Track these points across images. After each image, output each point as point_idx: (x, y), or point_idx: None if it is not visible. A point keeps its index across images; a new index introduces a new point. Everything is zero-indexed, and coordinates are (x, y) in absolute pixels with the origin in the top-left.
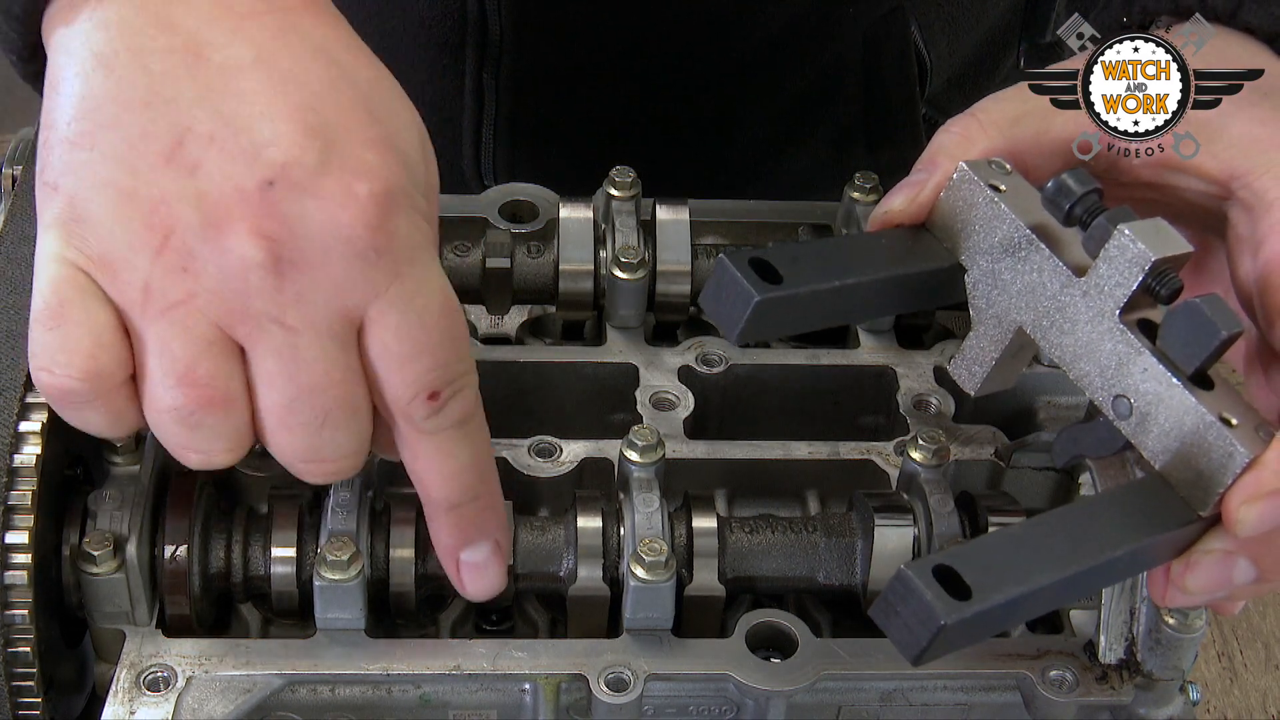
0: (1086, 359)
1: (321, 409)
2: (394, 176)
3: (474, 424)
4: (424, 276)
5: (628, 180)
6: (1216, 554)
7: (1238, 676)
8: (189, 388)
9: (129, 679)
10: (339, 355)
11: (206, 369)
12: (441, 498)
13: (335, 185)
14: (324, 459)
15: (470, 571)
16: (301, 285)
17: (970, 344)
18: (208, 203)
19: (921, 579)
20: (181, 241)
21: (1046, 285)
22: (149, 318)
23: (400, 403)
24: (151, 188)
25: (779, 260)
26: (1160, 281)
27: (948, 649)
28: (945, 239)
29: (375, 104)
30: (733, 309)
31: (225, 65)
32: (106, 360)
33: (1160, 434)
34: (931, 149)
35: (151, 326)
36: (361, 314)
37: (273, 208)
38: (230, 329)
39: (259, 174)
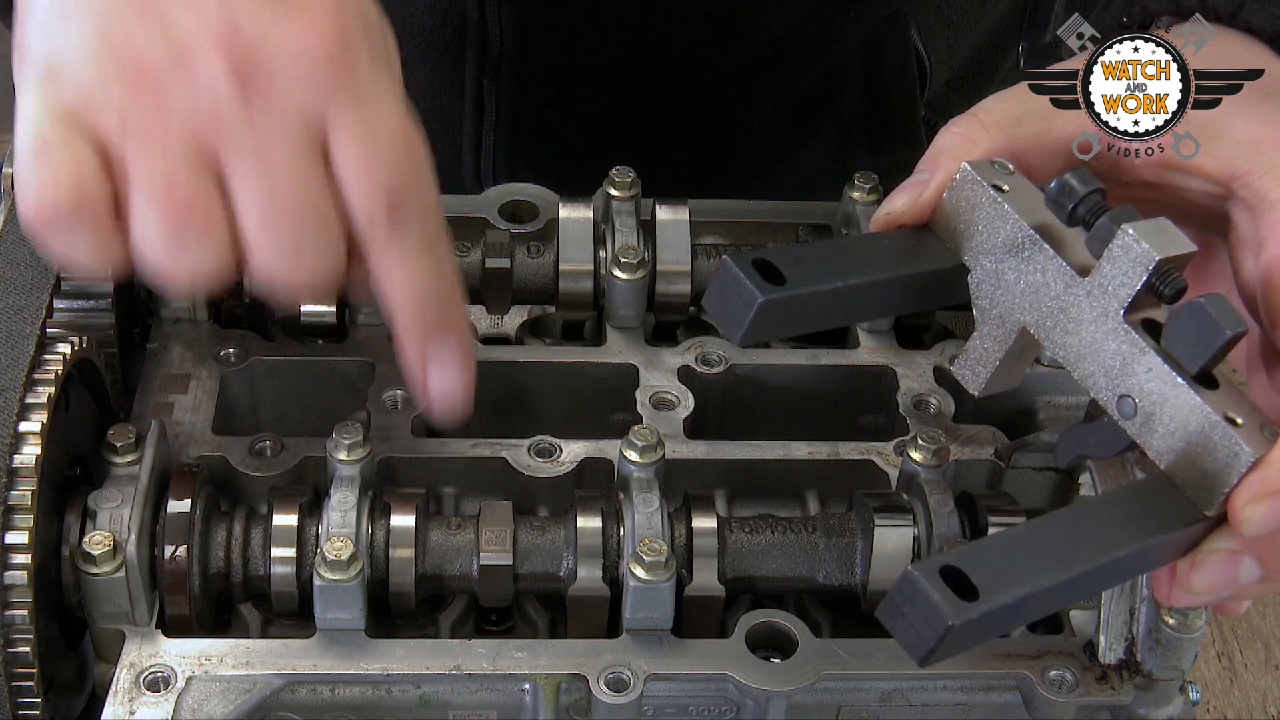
0: (1090, 359)
1: (296, 212)
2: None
3: (435, 236)
4: (383, 99)
5: (627, 180)
6: (1222, 553)
7: (1238, 676)
8: (170, 203)
9: (129, 679)
10: (308, 163)
11: (186, 185)
12: (403, 301)
13: (297, 15)
14: (303, 268)
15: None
16: (267, 98)
17: (974, 345)
18: (177, 39)
19: (928, 580)
20: (154, 75)
21: (1050, 285)
22: (128, 146)
23: (363, 213)
24: (124, 36)
25: (782, 261)
26: (1164, 281)
27: (955, 650)
28: (948, 239)
29: None
30: (736, 310)
31: None
32: (90, 185)
33: (1165, 434)
34: (933, 150)
35: (131, 154)
36: (325, 126)
37: (237, 37)
38: (205, 146)
39: (224, 12)
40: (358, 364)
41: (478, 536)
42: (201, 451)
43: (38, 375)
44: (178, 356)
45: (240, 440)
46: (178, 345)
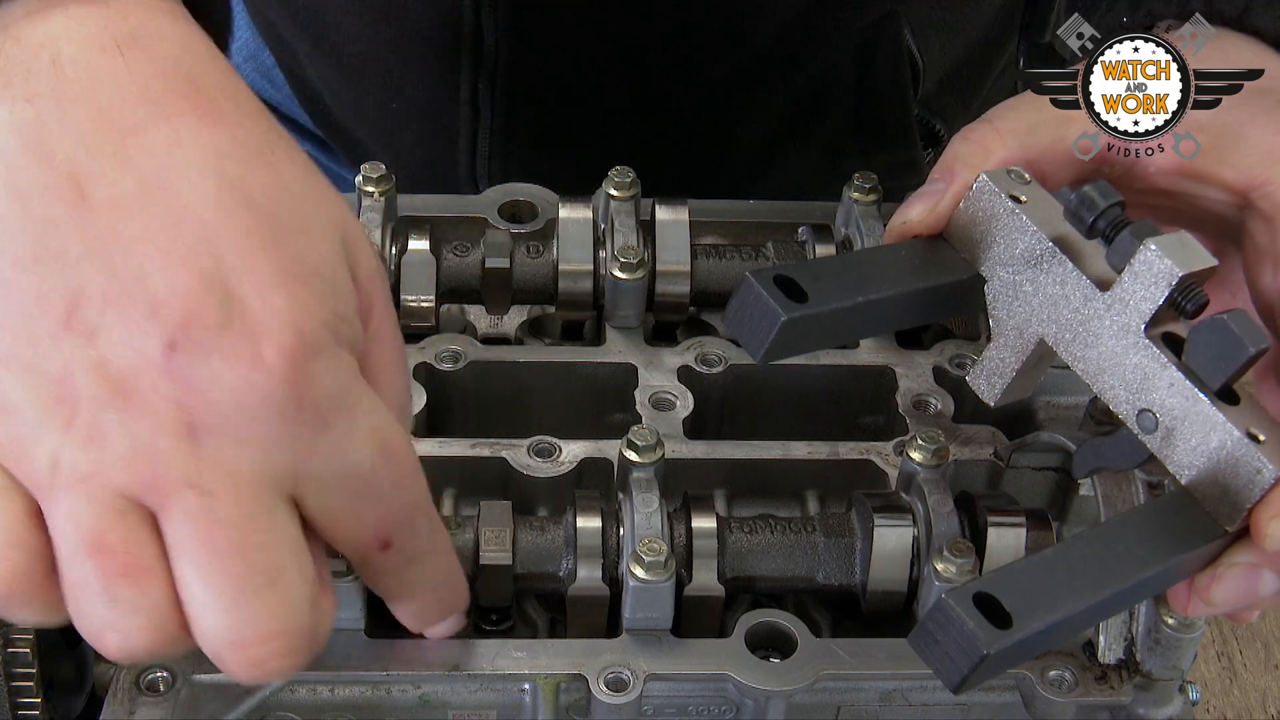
0: (1110, 372)
1: (239, 576)
2: (306, 318)
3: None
4: (352, 422)
5: (627, 180)
6: (1242, 567)
7: (1237, 676)
8: (99, 555)
9: (128, 679)
10: (262, 519)
11: (117, 536)
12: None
13: (241, 342)
14: (246, 641)
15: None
16: (219, 449)
17: (990, 355)
18: (111, 372)
19: (963, 608)
20: (88, 414)
21: (1069, 298)
22: (57, 494)
23: (350, 554)
24: (53, 360)
25: (803, 277)
26: (1186, 296)
27: (987, 677)
28: (964, 249)
29: (279, 220)
30: (758, 328)
31: (110, 203)
32: (18, 558)
33: (1186, 449)
34: (948, 158)
35: (60, 502)
36: (291, 473)
37: (179, 373)
38: (142, 496)
39: (159, 336)
40: None
41: (477, 536)
42: None
43: None
44: None
45: None
46: None
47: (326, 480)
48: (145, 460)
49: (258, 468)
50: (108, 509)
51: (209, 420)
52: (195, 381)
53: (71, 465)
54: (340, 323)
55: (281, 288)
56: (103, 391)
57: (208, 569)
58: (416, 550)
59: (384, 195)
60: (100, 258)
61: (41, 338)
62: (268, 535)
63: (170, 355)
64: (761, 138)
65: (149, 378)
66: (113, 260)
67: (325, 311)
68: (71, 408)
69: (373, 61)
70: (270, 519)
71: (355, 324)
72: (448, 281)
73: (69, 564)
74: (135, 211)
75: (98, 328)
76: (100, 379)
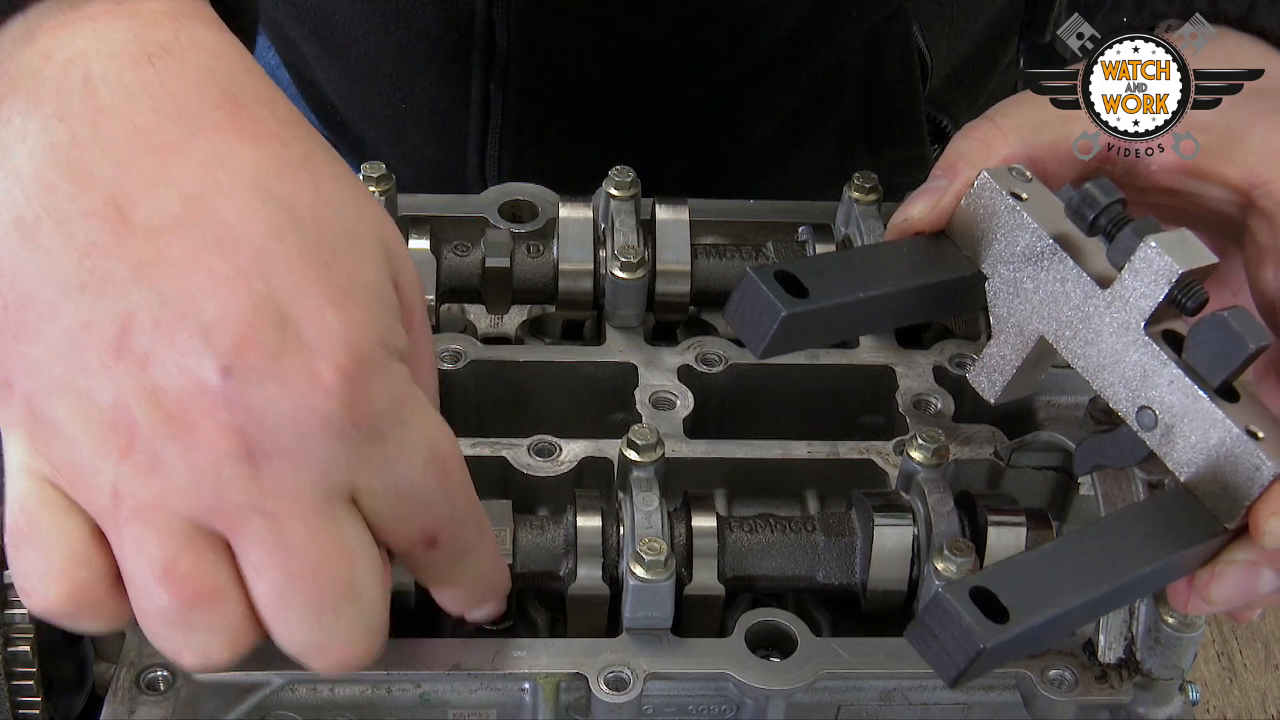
0: (1110, 370)
1: (317, 593)
2: (360, 335)
3: (480, 551)
4: (404, 435)
5: (627, 180)
6: (1241, 564)
7: (1237, 676)
8: (172, 585)
9: (129, 678)
10: (331, 534)
11: (188, 564)
12: (451, 605)
13: (298, 365)
14: (331, 647)
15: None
16: (280, 472)
17: (990, 352)
18: (166, 399)
19: (960, 602)
20: (146, 443)
21: (1069, 295)
22: (121, 522)
23: (402, 554)
24: (106, 388)
25: (804, 273)
26: (1186, 294)
27: (984, 671)
28: (965, 247)
29: (325, 237)
30: (759, 324)
31: (153, 225)
32: (84, 575)
33: (1186, 446)
34: (950, 155)
35: (126, 531)
36: (349, 486)
37: (235, 399)
38: (209, 523)
39: (214, 362)
40: None
41: None
42: None
43: None
44: None
45: None
46: None
47: (379, 490)
48: (207, 488)
49: (319, 487)
50: (175, 536)
51: (268, 445)
52: (252, 407)
53: (133, 494)
54: (390, 335)
55: (333, 307)
56: (159, 420)
57: (285, 592)
58: (462, 548)
59: (384, 195)
60: (148, 282)
61: (93, 366)
62: (338, 551)
63: (226, 381)
64: (771, 135)
65: (205, 405)
66: (160, 284)
67: (377, 327)
68: (128, 437)
69: (382, 62)
70: (339, 533)
71: (403, 334)
72: (448, 281)
73: (141, 593)
74: (180, 234)
75: (150, 354)
76: (155, 407)
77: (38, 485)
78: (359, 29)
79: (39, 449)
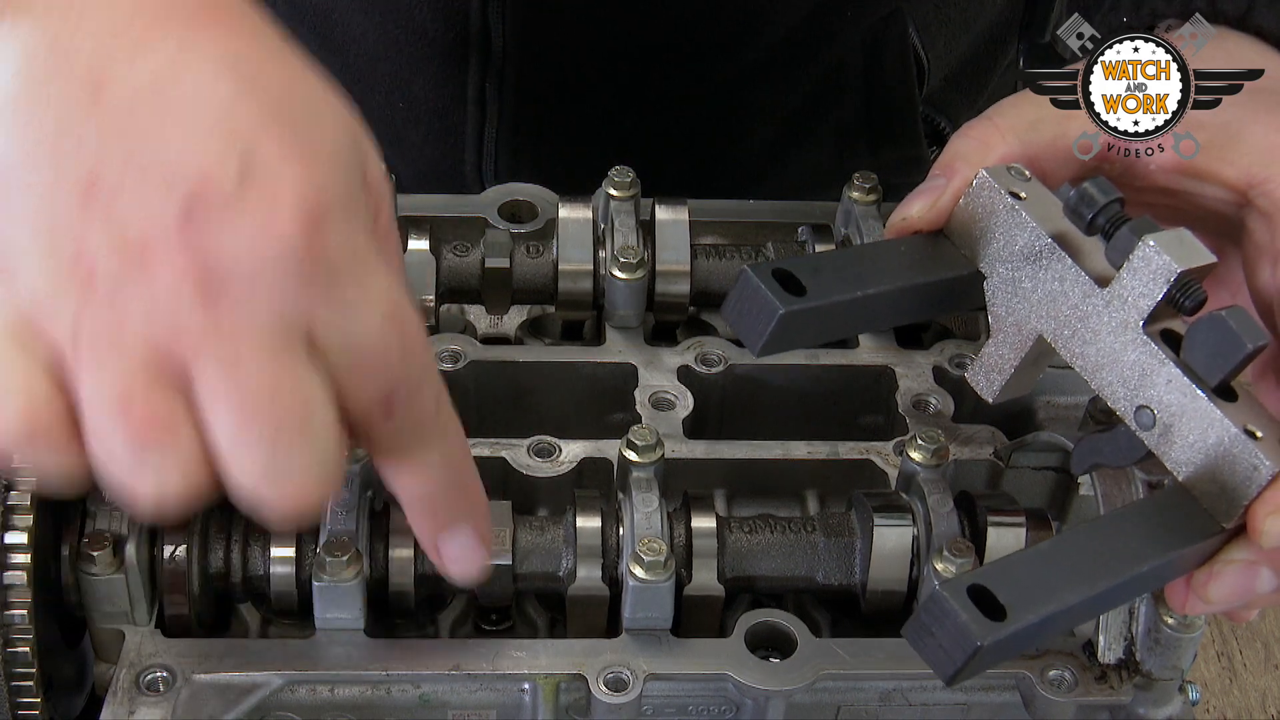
0: (1108, 369)
1: (270, 425)
2: (319, 186)
3: (437, 423)
4: (362, 286)
5: (627, 180)
6: (1239, 564)
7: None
8: (128, 417)
9: (128, 679)
10: (286, 369)
11: (144, 398)
12: (411, 497)
13: (256, 204)
14: (285, 481)
15: (451, 558)
16: (235, 307)
17: (989, 352)
18: (129, 239)
19: (957, 600)
20: (106, 281)
21: (1068, 294)
22: (81, 360)
23: (356, 413)
24: (71, 232)
25: (801, 271)
26: (1184, 293)
27: (981, 669)
28: (964, 246)
29: (292, 111)
30: (756, 322)
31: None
32: (42, 409)
33: (1184, 446)
34: (949, 154)
35: (84, 367)
36: (306, 329)
37: (194, 236)
38: (167, 359)
39: (176, 203)
40: None
41: None
42: None
43: None
44: None
45: None
46: None
47: (336, 339)
48: (165, 323)
49: (274, 324)
50: (132, 372)
51: (224, 281)
52: (211, 244)
53: (93, 332)
54: (352, 200)
55: (297, 161)
56: (119, 260)
57: (241, 419)
58: (420, 420)
59: None
60: (118, 141)
61: (59, 216)
62: (293, 384)
63: (186, 222)
64: (769, 135)
65: (165, 244)
66: (129, 142)
67: (339, 187)
68: (89, 277)
69: (380, 61)
70: (294, 369)
71: (366, 209)
72: (447, 281)
73: (97, 427)
74: (150, 99)
75: (113, 202)
76: (117, 247)
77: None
78: (357, 27)
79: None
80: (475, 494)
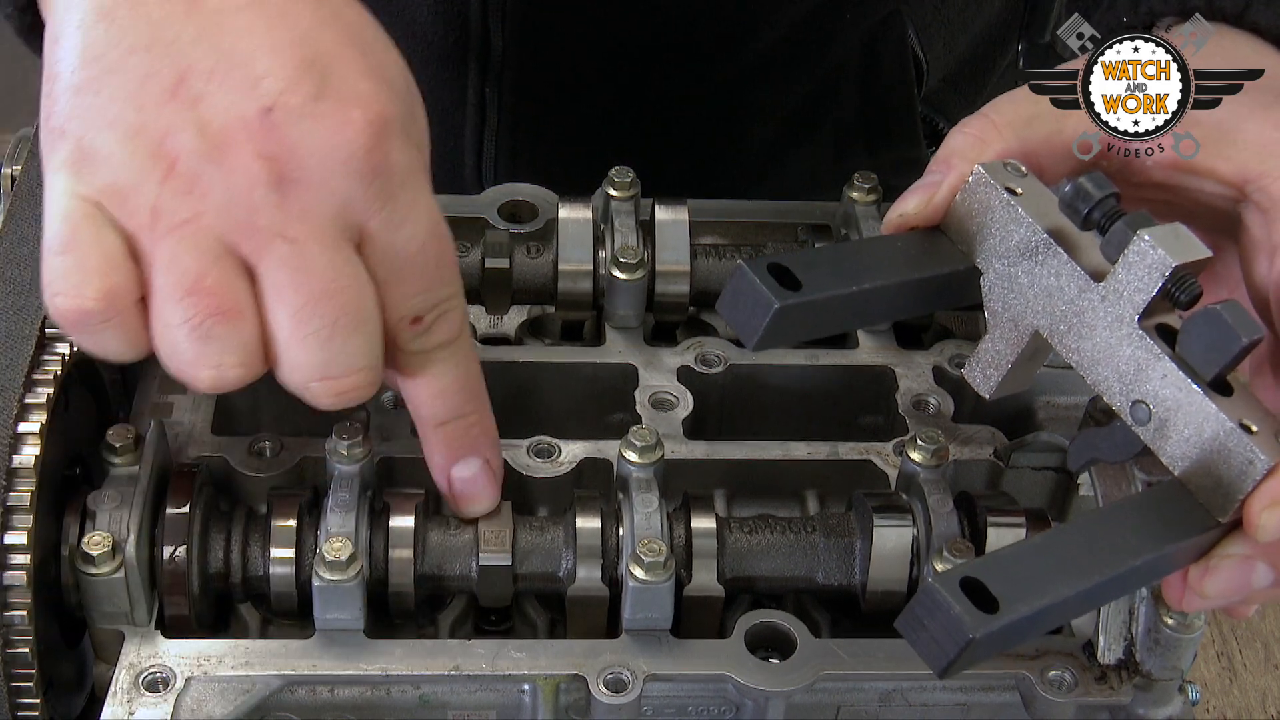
0: (1104, 364)
1: (330, 315)
2: (386, 104)
3: (459, 346)
4: (414, 202)
5: (626, 180)
6: (1235, 559)
7: (1237, 676)
8: (198, 297)
9: (128, 679)
10: (344, 263)
11: (215, 279)
12: (429, 415)
13: (332, 110)
14: (337, 373)
15: (462, 488)
16: (304, 200)
17: (986, 347)
18: (211, 130)
19: (949, 592)
20: (187, 166)
21: (1064, 289)
22: (157, 237)
23: (389, 324)
24: (157, 121)
25: (797, 266)
26: (1180, 287)
27: (973, 661)
28: (960, 241)
29: (364, 40)
30: (751, 316)
31: (220, 8)
32: (118, 279)
33: (1179, 440)
34: (945, 150)
35: (160, 245)
36: (360, 230)
37: (273, 131)
38: (237, 245)
39: (258, 102)
40: None
41: (477, 537)
42: (201, 452)
43: (37, 375)
44: None
45: (239, 440)
46: None
47: (384, 246)
48: (240, 208)
49: (337, 221)
50: (206, 253)
51: (296, 173)
52: (286, 140)
53: (172, 212)
54: (411, 124)
55: (369, 78)
56: (201, 147)
57: (302, 310)
58: (445, 339)
59: None
60: (209, 43)
61: (147, 105)
62: (352, 278)
63: (266, 117)
64: (767, 136)
65: (245, 135)
66: (220, 45)
67: (401, 108)
68: (171, 162)
69: None
70: (353, 268)
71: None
72: None
73: (166, 304)
74: (242, 13)
75: (201, 95)
76: (199, 136)
77: (80, 203)
78: None
79: (85, 177)
80: (488, 423)
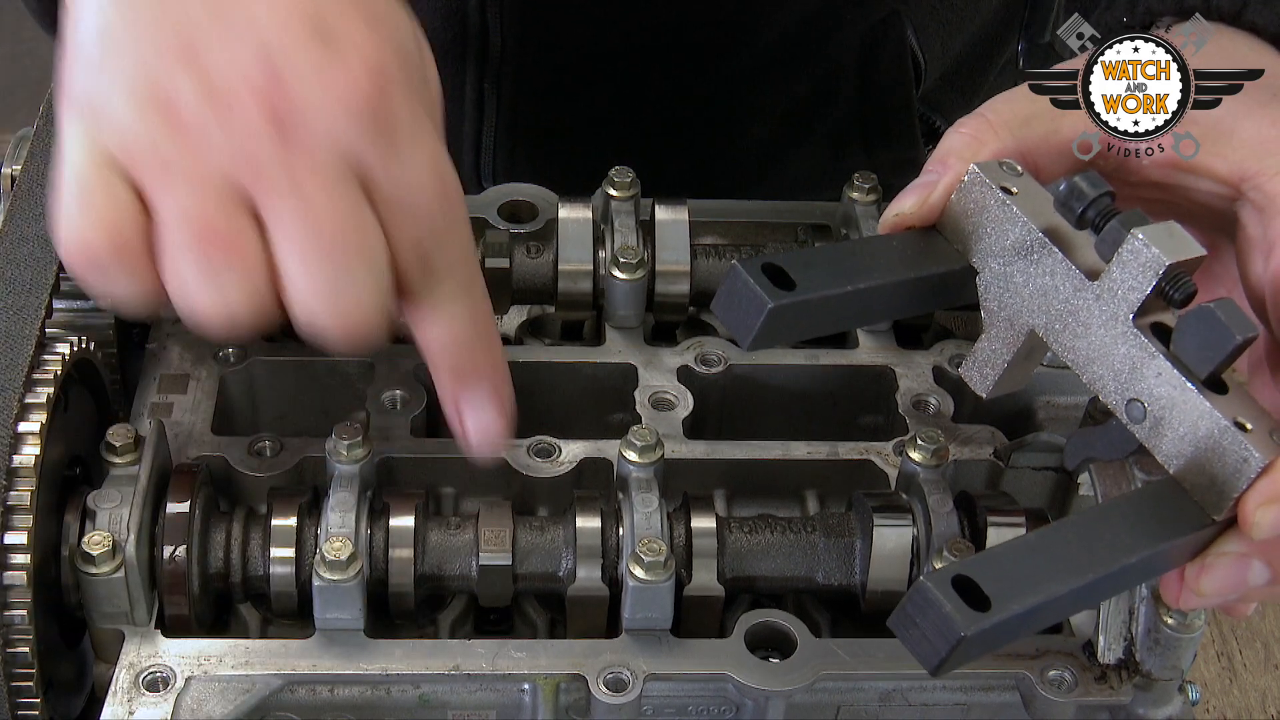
0: (1099, 362)
1: (338, 252)
2: (387, 56)
3: (465, 276)
4: (419, 145)
5: (626, 180)
6: (1231, 556)
7: (1237, 676)
8: (206, 238)
9: (128, 679)
10: (348, 203)
11: (223, 221)
12: (438, 350)
13: (333, 62)
14: (346, 311)
15: (472, 421)
16: (306, 144)
17: (982, 347)
18: (215, 84)
19: (941, 590)
20: (193, 119)
21: (1059, 288)
22: (166, 186)
23: (397, 264)
24: (163, 83)
25: (791, 266)
26: (1174, 285)
27: (966, 659)
28: (956, 241)
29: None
30: (746, 316)
31: None
32: (126, 220)
33: (1174, 438)
34: (941, 150)
35: (168, 194)
36: (364, 173)
37: (275, 81)
38: (244, 191)
39: (262, 60)
40: (357, 364)
41: (477, 536)
42: (201, 452)
43: (37, 375)
44: (177, 357)
45: (239, 440)
46: (177, 345)
47: (387, 185)
48: (244, 152)
49: (340, 162)
50: (213, 197)
51: (298, 119)
52: (289, 88)
53: (177, 159)
54: (414, 74)
55: (373, 32)
56: (206, 102)
57: (308, 247)
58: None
59: None
60: (216, 10)
61: (155, 67)
62: (356, 216)
63: (270, 73)
64: (766, 136)
65: (248, 87)
66: (227, 12)
67: (403, 59)
68: (178, 114)
69: None
70: (358, 207)
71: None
72: None
73: (176, 248)
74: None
75: (208, 56)
76: (205, 91)
77: (91, 153)
78: None
79: (96, 134)
80: (496, 352)
